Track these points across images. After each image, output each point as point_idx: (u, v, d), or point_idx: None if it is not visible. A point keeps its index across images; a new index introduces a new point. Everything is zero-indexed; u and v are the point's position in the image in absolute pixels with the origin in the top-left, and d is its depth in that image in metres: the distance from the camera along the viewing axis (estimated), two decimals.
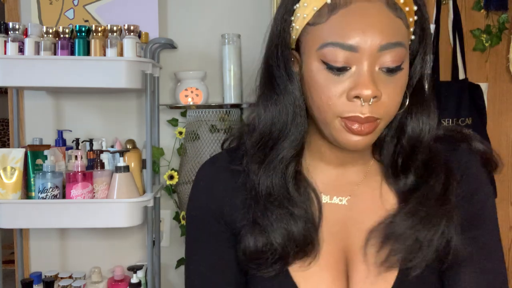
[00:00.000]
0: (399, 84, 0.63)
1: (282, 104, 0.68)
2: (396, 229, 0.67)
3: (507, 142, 1.78)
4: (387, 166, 0.72)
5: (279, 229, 0.67)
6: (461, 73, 1.68)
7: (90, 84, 1.40)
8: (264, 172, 0.69)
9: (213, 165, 0.77)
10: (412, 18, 0.64)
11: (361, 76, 0.60)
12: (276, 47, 0.67)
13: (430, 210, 0.67)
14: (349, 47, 0.59)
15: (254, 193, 0.70)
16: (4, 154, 1.42)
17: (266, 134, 0.69)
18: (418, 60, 0.68)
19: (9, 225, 1.45)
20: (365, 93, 0.59)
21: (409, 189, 0.70)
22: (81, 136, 1.71)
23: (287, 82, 0.67)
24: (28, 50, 1.40)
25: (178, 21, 1.75)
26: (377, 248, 0.68)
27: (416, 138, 0.69)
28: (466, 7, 1.75)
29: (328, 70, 0.61)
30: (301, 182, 0.71)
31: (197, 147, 1.62)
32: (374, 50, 0.59)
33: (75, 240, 1.78)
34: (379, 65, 0.61)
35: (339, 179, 0.73)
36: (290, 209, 0.68)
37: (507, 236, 1.81)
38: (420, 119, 0.69)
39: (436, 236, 0.66)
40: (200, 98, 1.65)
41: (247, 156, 0.71)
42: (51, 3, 1.69)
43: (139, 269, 1.60)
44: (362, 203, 0.72)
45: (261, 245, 0.68)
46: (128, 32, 1.42)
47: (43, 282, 1.55)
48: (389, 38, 0.60)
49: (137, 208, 1.44)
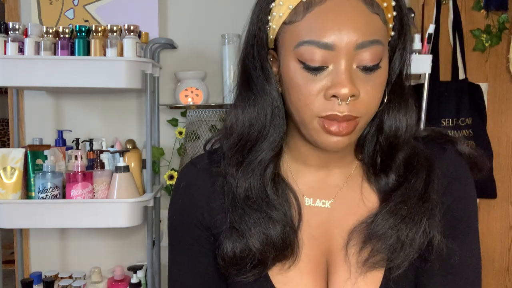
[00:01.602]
0: (378, 82, 0.61)
1: (259, 105, 0.67)
2: (378, 228, 0.66)
3: (507, 142, 1.78)
4: (367, 165, 0.71)
5: (257, 234, 0.66)
6: (461, 73, 1.68)
7: (90, 84, 1.40)
8: (243, 174, 0.68)
9: (194, 167, 0.76)
10: (391, 14, 0.63)
11: (338, 75, 0.59)
12: (252, 47, 0.66)
13: (412, 208, 0.66)
14: (325, 45, 0.58)
15: (232, 196, 0.68)
16: (4, 154, 1.42)
17: (244, 136, 0.68)
18: (397, 56, 0.66)
19: (9, 225, 1.45)
20: (342, 92, 0.58)
21: (390, 188, 0.69)
22: (81, 136, 1.71)
23: (264, 83, 0.66)
24: (28, 50, 1.40)
25: (178, 21, 1.76)
26: (358, 248, 0.67)
27: (393, 135, 0.68)
28: (466, 7, 1.75)
29: (305, 70, 0.60)
30: (279, 184, 0.69)
31: (197, 147, 1.62)
32: (351, 48, 0.58)
33: (75, 240, 1.78)
34: (357, 63, 0.59)
35: (322, 182, 0.72)
36: (268, 212, 0.67)
37: (507, 236, 1.81)
38: (397, 116, 0.67)
39: (418, 234, 0.65)
40: (200, 98, 1.65)
41: (225, 158, 0.70)
42: (51, 3, 1.69)
43: (139, 269, 1.60)
44: (345, 206, 0.71)
45: (239, 250, 0.67)
46: (128, 32, 1.42)
47: (43, 282, 1.55)
48: (366, 35, 0.58)
49: (137, 208, 1.44)
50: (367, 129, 0.69)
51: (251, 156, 0.68)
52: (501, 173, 1.77)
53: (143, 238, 1.77)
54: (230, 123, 0.70)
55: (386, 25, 0.62)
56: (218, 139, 0.77)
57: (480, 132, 1.64)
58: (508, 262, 1.81)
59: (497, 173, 1.74)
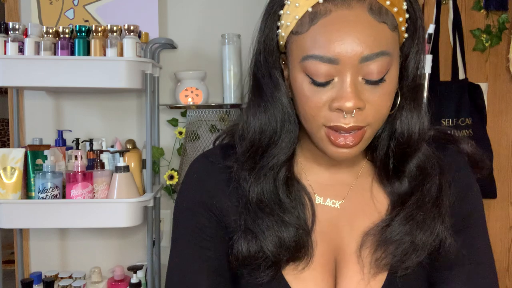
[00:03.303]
0: (385, 92, 0.61)
1: (270, 112, 0.67)
2: (393, 234, 0.66)
3: (507, 142, 1.78)
4: (379, 167, 0.71)
5: (270, 237, 0.66)
6: (461, 73, 1.68)
7: (90, 84, 1.40)
8: (255, 179, 0.68)
9: (207, 159, 0.76)
10: (403, 18, 0.62)
11: (343, 88, 0.58)
12: (261, 54, 0.66)
13: (427, 213, 0.66)
14: (330, 60, 0.58)
15: (245, 200, 0.69)
16: (4, 154, 1.42)
17: (256, 142, 0.68)
18: (410, 60, 0.65)
19: (9, 225, 1.45)
20: (346, 106, 0.58)
21: (403, 192, 0.69)
22: (81, 136, 1.71)
23: (273, 90, 0.66)
24: (28, 50, 1.40)
25: (178, 21, 1.75)
26: (372, 251, 0.68)
27: (406, 141, 0.68)
28: (466, 7, 1.75)
29: (311, 83, 0.60)
30: (293, 186, 0.70)
31: (197, 147, 1.62)
32: (356, 62, 0.58)
33: (75, 240, 1.78)
34: (362, 75, 0.59)
35: (332, 181, 0.73)
36: (281, 216, 0.67)
37: (507, 236, 1.81)
38: (411, 120, 0.67)
39: (431, 238, 0.66)
40: (200, 98, 1.65)
41: (238, 163, 0.71)
42: (51, 3, 1.69)
43: (139, 269, 1.60)
44: (354, 206, 0.71)
45: (254, 250, 0.67)
46: (128, 32, 1.42)
47: (43, 282, 1.55)
48: (371, 48, 0.57)
49: (137, 208, 1.44)
50: (379, 131, 0.69)
51: (263, 162, 0.68)
52: (501, 173, 1.77)
53: (143, 238, 1.77)
54: (242, 129, 0.70)
55: (396, 30, 0.61)
56: (227, 136, 0.78)
57: (480, 132, 1.64)
58: (508, 262, 1.81)
59: (497, 173, 1.74)
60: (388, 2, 0.59)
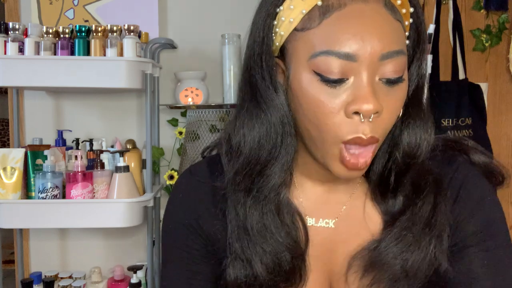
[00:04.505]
0: (400, 96, 0.56)
1: (269, 123, 0.60)
2: (381, 257, 0.60)
3: (507, 142, 1.78)
4: (375, 184, 0.65)
5: (264, 262, 0.62)
6: (461, 73, 1.68)
7: (90, 84, 1.40)
8: (254, 203, 0.62)
9: (193, 177, 0.70)
10: (408, 22, 0.58)
11: (360, 88, 0.53)
12: (259, 56, 0.59)
13: (418, 235, 0.60)
14: (346, 55, 0.52)
15: (236, 224, 0.63)
16: (4, 154, 1.42)
17: (254, 159, 0.61)
18: (414, 68, 0.61)
19: (9, 225, 1.45)
20: (365, 108, 0.52)
21: (396, 211, 0.63)
22: (81, 136, 1.71)
23: (274, 97, 0.59)
24: (28, 50, 1.40)
25: (178, 21, 1.75)
26: (360, 275, 0.62)
27: (412, 154, 0.62)
28: (466, 7, 1.75)
29: (322, 82, 0.54)
30: (286, 207, 0.63)
31: (197, 147, 1.62)
32: (375, 59, 0.52)
33: (75, 240, 1.78)
34: (380, 76, 0.54)
35: (326, 199, 0.67)
36: (277, 240, 0.62)
37: None
38: (418, 133, 0.61)
39: (424, 263, 0.59)
40: (200, 98, 1.65)
41: (230, 183, 0.63)
42: (51, 3, 1.69)
43: (139, 269, 1.60)
44: (347, 225, 0.66)
45: (244, 280, 0.62)
46: (128, 32, 1.42)
47: (43, 282, 1.55)
48: (391, 45, 0.53)
49: (137, 208, 1.44)
50: None
51: (262, 181, 0.61)
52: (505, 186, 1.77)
53: (143, 238, 1.77)
54: (237, 143, 0.63)
55: (405, 32, 0.57)
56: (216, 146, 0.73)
57: (480, 132, 1.64)
58: None
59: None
60: (399, 1, 0.56)
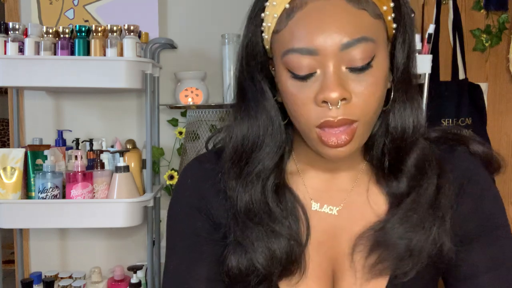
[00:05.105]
0: (372, 81, 0.58)
1: (253, 117, 0.65)
2: (387, 237, 0.63)
3: (507, 142, 1.78)
4: (376, 167, 0.68)
5: (260, 249, 0.63)
6: (461, 73, 1.68)
7: (90, 84, 1.40)
8: (242, 187, 0.65)
9: (201, 165, 0.73)
10: (387, 6, 0.59)
11: (326, 79, 0.56)
12: (242, 58, 0.65)
13: (422, 216, 0.63)
14: (308, 51, 0.56)
15: (233, 210, 0.66)
16: (4, 154, 1.42)
17: (239, 148, 0.66)
18: (398, 50, 0.62)
19: (9, 225, 1.45)
20: (331, 96, 0.55)
21: (400, 192, 0.66)
22: (81, 136, 1.71)
23: (256, 94, 0.65)
24: (28, 50, 1.40)
25: (178, 21, 1.76)
26: (365, 255, 0.65)
27: (400, 137, 0.64)
28: (466, 7, 1.75)
29: (293, 78, 0.58)
30: (284, 195, 0.67)
31: (197, 147, 1.62)
32: (336, 50, 0.55)
33: (75, 240, 1.78)
34: (346, 64, 0.57)
35: (330, 186, 0.69)
36: (271, 225, 0.64)
37: None
38: (403, 116, 0.64)
39: (428, 243, 0.62)
40: (200, 98, 1.65)
41: (224, 171, 0.68)
42: (51, 3, 1.69)
43: (139, 269, 1.60)
44: (352, 212, 0.68)
45: (244, 267, 0.64)
46: (128, 32, 1.42)
47: (43, 282, 1.55)
48: (351, 34, 0.55)
49: (137, 208, 1.44)
50: (375, 129, 0.66)
51: (248, 168, 0.66)
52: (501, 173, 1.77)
53: (143, 238, 1.77)
54: (226, 135, 0.69)
55: (380, 19, 0.58)
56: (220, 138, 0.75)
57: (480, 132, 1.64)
58: None
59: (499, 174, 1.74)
60: None
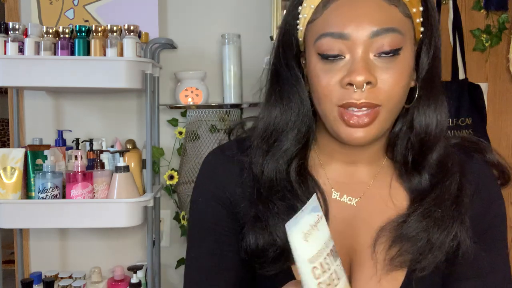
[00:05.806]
0: (398, 69, 0.61)
1: (286, 102, 0.69)
2: (409, 230, 0.65)
3: (507, 142, 1.78)
4: (400, 163, 0.71)
5: (280, 223, 0.65)
6: (461, 73, 1.68)
7: (90, 84, 1.40)
8: (268, 163, 0.69)
9: (222, 153, 0.76)
10: (417, 9, 0.63)
11: (354, 63, 0.60)
12: (279, 48, 0.69)
13: (445, 211, 0.65)
14: (340, 35, 0.60)
15: (258, 186, 0.69)
16: (4, 154, 1.42)
17: (270, 126, 0.70)
18: (423, 51, 0.66)
19: (9, 225, 1.45)
20: (357, 79, 0.59)
21: (423, 188, 0.68)
22: (81, 136, 1.71)
23: (292, 82, 0.69)
24: (28, 50, 1.40)
25: (178, 21, 1.75)
26: (387, 247, 0.66)
27: (423, 132, 0.68)
28: (466, 7, 1.75)
29: (323, 61, 0.62)
30: (306, 181, 0.69)
31: (197, 147, 1.62)
32: (366, 36, 0.60)
33: (75, 240, 1.78)
34: (374, 52, 0.60)
35: (350, 178, 0.72)
36: (293, 201, 0.67)
37: None
38: (427, 112, 0.68)
39: (449, 238, 0.65)
40: (200, 98, 1.65)
41: (252, 148, 0.71)
42: (51, 3, 1.69)
43: (139, 269, 1.60)
44: (372, 204, 0.70)
45: (263, 242, 0.66)
46: (128, 32, 1.42)
47: (43, 282, 1.55)
48: (381, 23, 0.59)
49: (137, 208, 1.44)
50: (398, 126, 0.70)
51: (276, 146, 0.69)
52: None
53: (143, 238, 1.77)
54: (260, 116, 0.72)
55: (409, 18, 0.62)
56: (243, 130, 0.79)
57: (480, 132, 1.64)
58: None
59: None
60: None
